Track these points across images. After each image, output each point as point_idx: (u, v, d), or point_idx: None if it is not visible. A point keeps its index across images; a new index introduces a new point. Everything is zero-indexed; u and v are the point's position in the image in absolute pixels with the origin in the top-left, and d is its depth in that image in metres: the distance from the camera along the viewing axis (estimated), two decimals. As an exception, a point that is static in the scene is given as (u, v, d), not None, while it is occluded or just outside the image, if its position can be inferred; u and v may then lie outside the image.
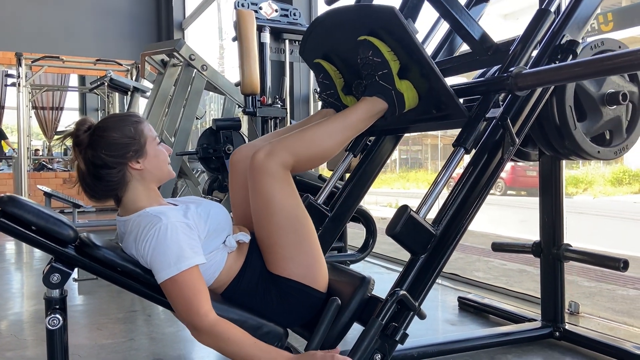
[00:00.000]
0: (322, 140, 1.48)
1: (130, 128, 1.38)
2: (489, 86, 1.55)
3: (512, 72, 1.47)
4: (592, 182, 11.64)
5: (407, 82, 1.55)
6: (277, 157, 1.41)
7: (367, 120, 1.55)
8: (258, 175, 1.42)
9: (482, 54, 1.78)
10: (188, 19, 8.37)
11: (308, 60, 1.80)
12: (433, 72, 1.48)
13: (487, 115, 1.52)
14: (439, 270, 1.47)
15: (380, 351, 1.38)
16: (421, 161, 19.33)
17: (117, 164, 1.38)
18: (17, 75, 7.12)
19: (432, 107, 1.56)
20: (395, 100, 1.53)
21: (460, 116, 1.52)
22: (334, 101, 1.72)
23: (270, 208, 1.43)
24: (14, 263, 4.05)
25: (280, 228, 1.43)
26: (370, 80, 1.54)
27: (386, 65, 1.51)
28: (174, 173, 1.52)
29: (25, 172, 7.23)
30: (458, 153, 1.51)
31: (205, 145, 3.32)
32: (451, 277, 3.34)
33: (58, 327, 1.33)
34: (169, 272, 1.28)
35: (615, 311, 3.01)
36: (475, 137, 1.51)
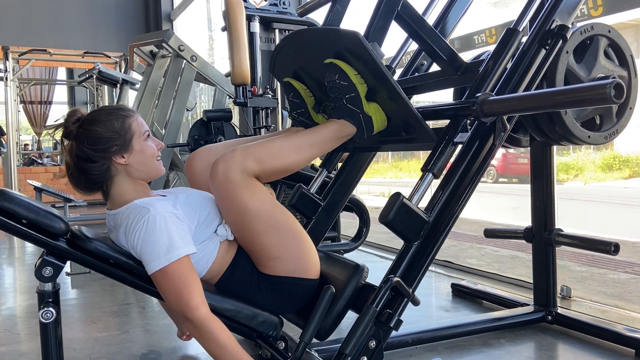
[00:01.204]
0: (287, 153, 1.44)
1: (116, 122, 1.37)
2: (457, 110, 1.54)
3: (478, 99, 1.45)
4: (582, 169, 11.74)
5: (375, 105, 1.52)
6: (239, 165, 1.34)
7: (335, 141, 1.52)
8: (223, 186, 1.35)
9: (451, 73, 1.77)
10: (176, 10, 8.30)
11: (278, 78, 1.77)
12: (400, 97, 1.47)
13: (455, 140, 1.50)
14: (432, 257, 1.48)
15: (374, 338, 1.39)
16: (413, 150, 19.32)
17: (100, 158, 1.37)
18: (4, 69, 7.03)
19: (401, 129, 1.55)
20: (364, 123, 1.51)
21: (428, 140, 1.51)
22: (304, 120, 1.67)
23: (245, 217, 1.39)
24: (6, 258, 4.03)
25: (260, 233, 1.41)
26: (338, 103, 1.51)
27: (353, 89, 1.48)
28: (164, 169, 1.50)
29: (14, 167, 7.17)
30: (426, 178, 1.48)
31: (196, 136, 3.30)
32: (444, 264, 3.36)
33: (51, 321, 1.33)
34: (159, 263, 1.27)
35: (606, 295, 3.05)
36: (443, 162, 1.48)
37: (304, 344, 1.37)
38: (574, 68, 1.82)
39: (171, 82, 4.00)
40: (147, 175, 1.44)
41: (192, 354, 1.97)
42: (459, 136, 1.51)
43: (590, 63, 1.86)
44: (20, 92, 9.59)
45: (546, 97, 1.32)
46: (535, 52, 1.60)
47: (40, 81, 11.12)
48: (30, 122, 12.28)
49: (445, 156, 1.49)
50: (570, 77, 1.82)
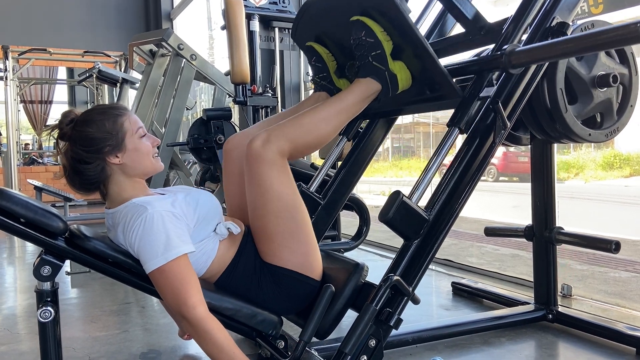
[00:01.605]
0: (317, 126, 1.48)
1: (107, 122, 1.36)
2: (483, 65, 1.54)
3: (506, 50, 1.46)
4: (583, 167, 11.71)
5: (400, 63, 1.53)
6: (274, 145, 1.40)
7: (362, 103, 1.54)
8: (255, 164, 1.40)
9: (475, 33, 1.77)
10: (176, 9, 8.28)
11: (300, 43, 1.78)
12: (426, 52, 1.47)
13: (480, 95, 1.52)
14: (432, 255, 1.47)
15: (374, 337, 1.38)
16: (413, 149, 19.36)
17: (94, 159, 1.36)
18: (4, 69, 7.02)
19: (425, 88, 1.55)
20: (389, 81, 1.52)
21: (454, 96, 1.51)
22: (326, 84, 1.70)
23: (266, 196, 1.42)
24: (7, 257, 4.02)
25: (277, 216, 1.43)
26: (363, 61, 1.53)
27: (379, 46, 1.50)
28: (162, 165, 1.48)
29: (15, 166, 7.17)
30: (452, 133, 1.51)
31: (196, 135, 3.29)
32: (445, 262, 3.36)
33: (50, 320, 1.31)
34: (157, 262, 1.27)
35: (607, 293, 3.04)
36: (469, 116, 1.50)
37: (303, 343, 1.36)
38: (574, 66, 1.82)
39: (171, 81, 3.99)
40: (144, 173, 1.42)
41: (192, 353, 1.96)
42: (485, 90, 1.52)
43: (591, 61, 1.86)
44: (20, 91, 9.59)
45: (576, 41, 1.30)
46: (536, 49, 1.59)
47: (41, 80, 11.12)
48: (30, 122, 12.27)
49: (471, 110, 1.50)
50: (570, 75, 1.82)
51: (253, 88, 3.26)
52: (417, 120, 19.52)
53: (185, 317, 1.27)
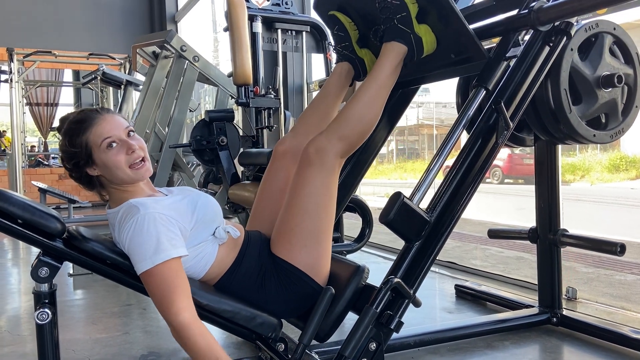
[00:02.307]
0: (364, 112, 1.49)
1: (73, 138, 1.34)
2: (509, 24, 1.55)
3: (534, 7, 1.45)
4: (589, 169, 11.66)
5: (425, 26, 1.54)
6: (330, 151, 1.44)
7: (395, 73, 1.54)
8: (310, 166, 1.44)
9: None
10: (181, 12, 8.30)
11: (322, 13, 1.79)
12: (453, 12, 1.47)
13: (507, 55, 1.52)
14: (433, 257, 1.46)
15: (375, 340, 1.37)
16: (418, 151, 19.33)
17: (75, 170, 1.38)
18: (9, 71, 7.04)
19: (450, 52, 1.55)
20: (414, 44, 1.53)
21: (480, 57, 1.51)
22: (348, 53, 1.71)
23: (306, 190, 1.44)
24: (11, 259, 4.03)
25: (306, 212, 1.45)
26: (389, 24, 1.53)
27: (404, 8, 1.51)
28: (147, 172, 1.39)
29: (20, 168, 7.19)
30: (478, 94, 1.51)
31: (198, 137, 3.28)
32: (448, 265, 3.33)
33: (47, 322, 1.30)
34: (145, 265, 1.25)
35: (613, 296, 3.01)
36: (495, 77, 1.51)
37: (303, 346, 1.35)
38: (578, 66, 1.79)
39: (173, 82, 3.99)
40: (124, 183, 1.38)
41: (192, 355, 1.95)
42: (511, 51, 1.52)
43: (595, 61, 1.83)
44: (25, 93, 9.63)
45: None
46: (539, 49, 1.57)
47: (46, 83, 11.17)
48: (36, 124, 12.32)
49: (497, 71, 1.50)
50: (575, 75, 1.80)
51: (255, 89, 3.24)
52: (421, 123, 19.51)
53: (167, 322, 1.25)
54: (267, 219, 1.62)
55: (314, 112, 1.70)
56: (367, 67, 1.72)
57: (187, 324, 1.23)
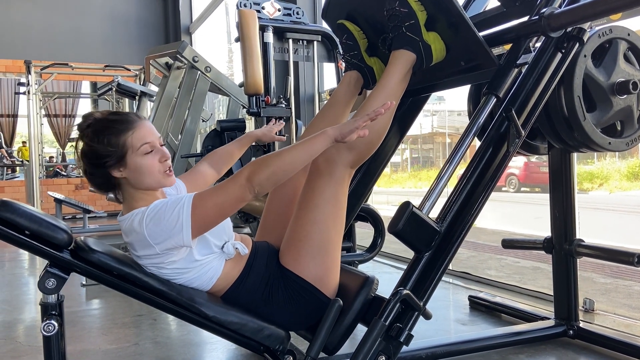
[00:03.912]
0: (373, 123, 1.43)
1: (111, 137, 1.32)
2: (520, 31, 1.53)
3: (545, 13, 1.43)
4: (607, 177, 11.46)
5: (434, 34, 1.53)
6: (341, 160, 1.44)
7: (404, 81, 1.53)
8: (320, 177, 1.44)
9: (510, 5, 1.72)
10: (195, 23, 8.39)
11: (331, 21, 1.80)
12: (462, 19, 1.46)
13: (518, 62, 1.50)
14: (444, 269, 1.43)
15: (384, 353, 1.34)
16: (432, 160, 19.21)
17: (97, 171, 1.36)
18: (26, 83, 7.16)
19: (460, 59, 1.54)
20: (423, 52, 1.52)
21: (490, 65, 1.49)
22: (357, 62, 1.70)
23: (315, 201, 1.44)
24: (27, 269, 4.06)
25: (316, 224, 1.43)
26: (397, 32, 1.52)
27: (413, 16, 1.50)
28: (173, 181, 1.42)
29: (37, 179, 7.28)
30: (489, 101, 1.49)
31: (210, 147, 3.30)
32: (462, 275, 3.28)
33: (54, 333, 1.30)
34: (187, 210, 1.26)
35: (632, 308, 2.93)
36: (506, 84, 1.48)
37: (310, 359, 1.33)
38: (592, 72, 1.76)
39: (186, 92, 4.02)
40: (148, 189, 1.39)
41: (201, 367, 1.94)
42: (522, 58, 1.50)
43: (609, 67, 1.80)
44: (43, 105, 9.77)
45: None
46: (551, 55, 1.55)
47: (63, 95, 11.33)
48: (54, 135, 12.49)
49: (508, 78, 1.48)
50: (588, 82, 1.76)
51: (267, 99, 3.24)
52: (436, 131, 19.41)
53: (248, 197, 1.25)
54: (275, 230, 1.60)
55: (322, 121, 1.68)
56: (377, 76, 1.70)
57: (249, 175, 1.24)
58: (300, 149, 1.27)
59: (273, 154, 1.28)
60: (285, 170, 1.27)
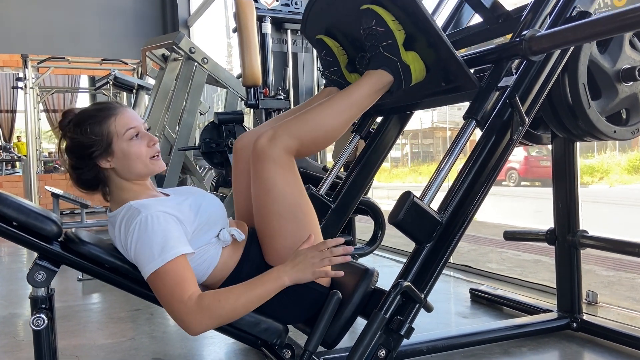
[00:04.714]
0: (325, 121, 1.41)
1: (94, 126, 1.28)
2: (501, 52, 1.46)
3: (526, 36, 1.37)
4: (608, 171, 11.43)
5: (413, 54, 1.46)
6: (280, 142, 1.35)
7: (373, 96, 1.46)
8: (260, 162, 1.36)
9: (492, 22, 1.68)
10: (193, 17, 8.31)
11: (310, 37, 1.73)
12: (441, 41, 1.39)
13: (499, 85, 1.43)
14: (445, 260, 1.39)
15: (384, 346, 1.30)
16: (433, 154, 19.19)
17: (84, 164, 1.31)
18: (23, 77, 7.11)
19: (440, 79, 1.47)
20: (401, 72, 1.45)
21: (471, 87, 1.43)
22: (337, 79, 1.64)
23: (270, 195, 1.36)
24: (25, 263, 4.03)
25: (281, 216, 1.37)
26: (374, 52, 1.45)
27: (390, 36, 1.42)
28: (162, 166, 1.38)
29: (34, 174, 7.23)
30: (469, 126, 1.43)
31: (207, 139, 3.25)
32: (463, 268, 3.25)
33: (43, 327, 1.26)
34: (155, 265, 1.20)
35: (635, 300, 2.90)
36: (487, 108, 1.42)
37: (309, 353, 1.29)
38: (597, 59, 1.72)
39: (183, 84, 3.96)
40: (139, 177, 1.35)
41: (198, 362, 1.90)
42: (503, 80, 1.44)
43: (614, 53, 1.75)
44: (41, 100, 9.71)
45: (603, 22, 1.19)
46: (555, 41, 1.50)
47: (61, 89, 11.26)
48: (53, 130, 12.44)
49: (488, 102, 1.42)
50: (593, 69, 1.72)
51: (265, 91, 3.20)
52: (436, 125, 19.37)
53: (184, 314, 1.19)
54: (249, 217, 1.55)
55: (285, 117, 1.61)
56: None
57: (201, 296, 1.20)
58: (253, 293, 1.25)
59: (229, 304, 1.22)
60: (235, 317, 1.26)
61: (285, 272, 1.27)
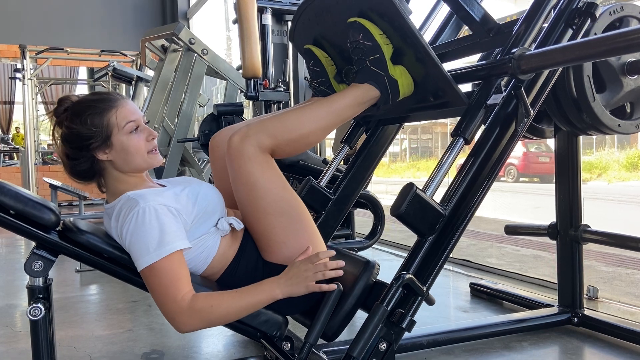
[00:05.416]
0: (303, 124, 1.38)
1: (93, 117, 1.26)
2: (490, 70, 1.43)
3: (515, 54, 1.34)
4: (606, 168, 11.44)
5: (401, 68, 1.42)
6: (253, 139, 1.31)
7: (355, 108, 1.42)
8: (236, 160, 1.32)
9: (483, 36, 1.65)
10: (192, 8, 8.26)
11: (298, 46, 1.69)
12: (429, 57, 1.36)
13: (488, 102, 1.40)
14: (448, 253, 1.37)
15: (385, 339, 1.29)
16: (431, 150, 19.18)
17: (81, 156, 1.28)
18: (21, 68, 7.06)
19: (429, 95, 1.44)
20: (389, 87, 1.41)
21: (459, 103, 1.40)
22: (325, 89, 1.59)
23: (254, 193, 1.34)
24: (24, 254, 4.01)
25: (268, 213, 1.34)
26: (361, 65, 1.42)
27: (378, 50, 1.39)
28: (160, 160, 1.36)
29: (32, 165, 7.21)
30: (457, 144, 1.39)
31: (207, 131, 3.22)
32: (463, 263, 3.24)
33: (40, 317, 1.24)
34: (149, 259, 1.18)
35: (635, 296, 2.90)
36: (475, 126, 1.39)
37: (309, 345, 1.28)
38: (602, 51, 1.70)
39: (182, 76, 3.94)
40: (136, 170, 1.33)
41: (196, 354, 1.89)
42: (492, 98, 1.41)
43: (620, 46, 1.73)
44: (39, 91, 9.67)
45: (595, 44, 1.17)
46: (562, 32, 1.48)
47: (59, 81, 11.22)
48: (47, 116, 12.38)
49: (477, 119, 1.39)
50: (598, 62, 1.70)
51: (265, 83, 3.18)
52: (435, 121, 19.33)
53: (176, 313, 1.18)
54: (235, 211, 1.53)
55: (265, 116, 1.57)
56: None
57: (194, 298, 1.19)
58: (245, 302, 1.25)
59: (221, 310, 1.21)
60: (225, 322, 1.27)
61: (278, 286, 1.26)
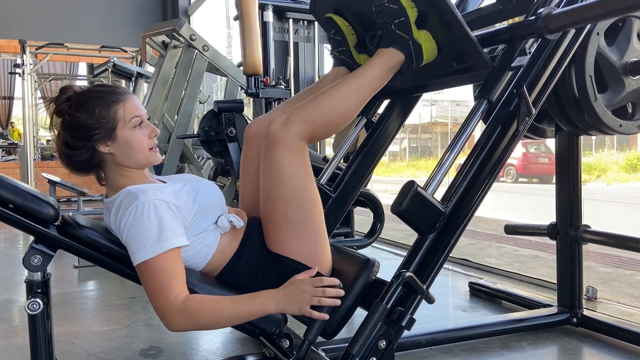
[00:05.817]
0: (338, 105, 1.38)
1: (100, 108, 1.25)
2: (515, 32, 1.42)
3: (542, 13, 1.33)
4: (605, 169, 11.45)
5: (425, 32, 1.43)
6: (293, 127, 1.33)
7: (384, 76, 1.44)
8: (272, 147, 1.34)
9: (506, 3, 1.63)
10: (193, 5, 8.25)
11: (319, 15, 1.69)
12: (454, 18, 1.36)
13: (512, 65, 1.40)
14: (448, 251, 1.37)
15: (385, 337, 1.28)
16: (431, 149, 19.19)
17: (82, 146, 1.27)
18: (21, 63, 7.04)
19: (452, 59, 1.44)
20: (413, 51, 1.42)
21: (483, 67, 1.40)
22: (346, 58, 1.61)
23: (279, 179, 1.34)
24: (22, 249, 4.01)
25: (287, 202, 1.35)
26: (386, 29, 1.42)
27: (403, 13, 1.39)
28: (158, 158, 1.36)
29: (31, 161, 7.19)
30: (481, 106, 1.40)
31: (207, 127, 3.21)
32: (462, 262, 3.23)
33: (38, 312, 1.24)
34: (145, 254, 1.18)
35: (634, 297, 2.89)
36: (500, 88, 1.39)
37: (308, 343, 1.27)
38: (605, 51, 1.70)
39: (183, 72, 3.93)
40: (136, 166, 1.32)
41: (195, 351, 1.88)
42: (517, 60, 1.41)
43: (622, 46, 1.73)
44: (39, 86, 9.65)
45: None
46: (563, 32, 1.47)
47: (59, 76, 11.18)
48: (44, 103, 12.33)
49: (502, 82, 1.39)
50: (600, 61, 1.70)
51: (265, 80, 3.16)
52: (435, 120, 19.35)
53: (167, 312, 1.17)
54: (255, 205, 1.53)
55: (296, 100, 1.59)
56: None
57: (187, 299, 1.18)
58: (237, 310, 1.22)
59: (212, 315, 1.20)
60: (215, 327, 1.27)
61: (273, 300, 1.24)
